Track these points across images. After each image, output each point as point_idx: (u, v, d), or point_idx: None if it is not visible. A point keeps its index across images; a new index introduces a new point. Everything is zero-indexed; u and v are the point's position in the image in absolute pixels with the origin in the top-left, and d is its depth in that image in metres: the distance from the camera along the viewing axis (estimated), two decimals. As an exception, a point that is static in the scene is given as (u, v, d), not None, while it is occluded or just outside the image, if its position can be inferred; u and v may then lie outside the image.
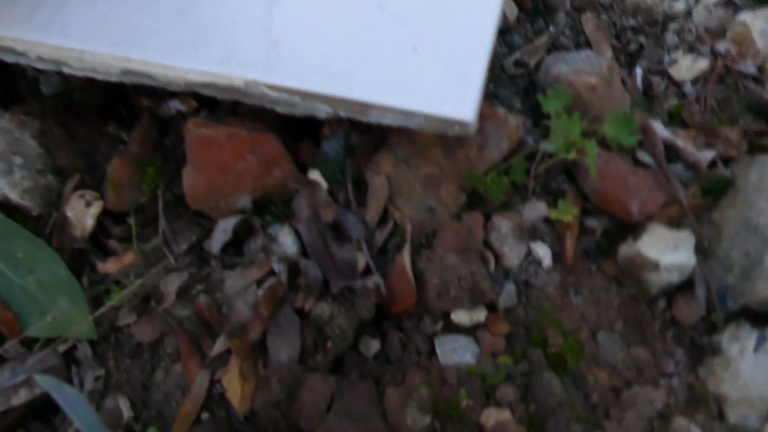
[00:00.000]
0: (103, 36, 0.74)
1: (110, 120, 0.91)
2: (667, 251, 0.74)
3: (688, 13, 1.05)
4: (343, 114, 0.72)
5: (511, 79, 1.00)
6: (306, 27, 0.74)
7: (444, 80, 0.72)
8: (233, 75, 0.72)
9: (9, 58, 0.76)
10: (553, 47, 1.04)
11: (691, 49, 1.02)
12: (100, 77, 0.75)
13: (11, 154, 0.82)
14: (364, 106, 0.71)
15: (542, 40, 1.04)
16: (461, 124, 0.70)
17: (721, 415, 0.70)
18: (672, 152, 0.85)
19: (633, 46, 1.06)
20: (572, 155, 0.75)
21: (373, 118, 0.72)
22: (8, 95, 0.89)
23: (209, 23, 0.74)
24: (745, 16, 0.99)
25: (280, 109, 0.74)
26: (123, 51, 0.73)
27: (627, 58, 1.06)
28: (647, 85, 1.01)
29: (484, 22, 0.76)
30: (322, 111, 0.73)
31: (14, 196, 0.80)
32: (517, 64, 1.02)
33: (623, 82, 0.98)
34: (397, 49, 0.74)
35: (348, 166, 0.83)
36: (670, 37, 1.04)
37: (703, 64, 0.99)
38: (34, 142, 0.84)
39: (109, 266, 0.78)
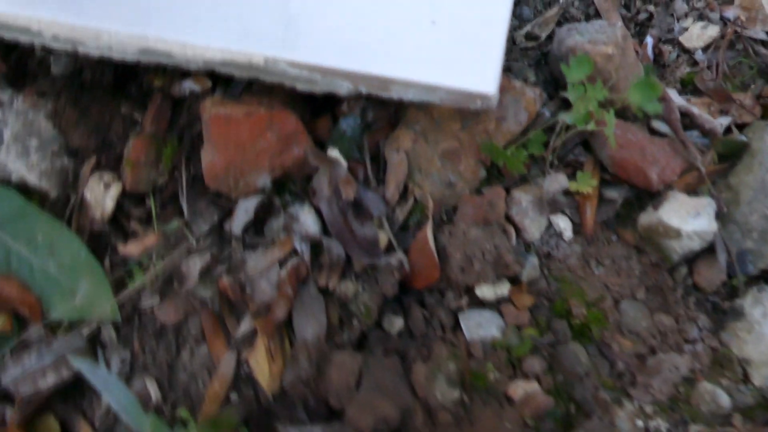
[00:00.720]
0: (120, 14, 0.73)
1: (122, 99, 0.90)
2: (688, 218, 0.74)
3: (697, -19, 1.05)
4: (364, 90, 0.72)
5: (522, 52, 1.00)
6: (324, 2, 0.73)
7: (464, 53, 0.71)
8: (253, 52, 0.71)
9: (24, 38, 0.75)
10: (563, 19, 1.04)
11: (701, 16, 1.02)
12: (116, 57, 0.74)
13: (27, 136, 0.81)
14: (386, 82, 0.71)
15: (552, 11, 1.03)
16: (483, 97, 0.70)
17: (746, 378, 0.71)
18: (687, 120, 0.86)
19: (642, 16, 1.06)
20: (591, 126, 0.75)
21: (395, 94, 0.72)
22: (19, 75, 0.88)
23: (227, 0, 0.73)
24: (754, -19, 1.00)
25: (301, 87, 0.74)
26: (140, 29, 0.72)
27: (637, 28, 1.06)
28: (658, 54, 1.01)
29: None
30: (344, 88, 0.72)
31: (32, 179, 0.79)
32: (529, 36, 1.01)
33: (635, 52, 0.98)
34: (415, 22, 0.73)
35: (365, 143, 0.83)
36: (680, 6, 1.04)
37: (713, 31, 0.99)
38: (48, 123, 0.84)
39: (130, 248, 0.78)
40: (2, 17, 0.74)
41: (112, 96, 0.90)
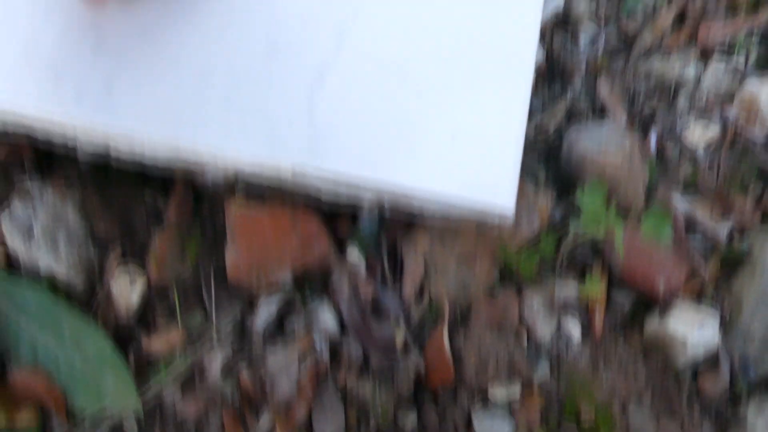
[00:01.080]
0: (152, 121, 0.76)
1: (145, 186, 0.93)
2: (693, 330, 0.78)
3: (698, 79, 1.09)
4: (387, 204, 0.75)
5: (531, 145, 1.04)
6: (348, 116, 0.77)
7: (483, 171, 0.75)
8: (281, 164, 0.74)
9: (57, 139, 0.78)
10: (571, 113, 1.08)
11: (702, 115, 1.07)
12: (148, 159, 0.78)
13: (55, 229, 0.84)
14: (408, 197, 0.74)
15: (560, 105, 1.08)
16: (502, 215, 0.73)
17: (748, 490, 0.74)
18: (690, 223, 0.89)
19: (646, 110, 1.10)
20: (601, 235, 0.79)
21: (416, 208, 0.75)
22: (46, 161, 0.90)
23: (255, 110, 0.77)
24: (752, 85, 1.04)
25: (325, 196, 0.77)
26: (172, 136, 0.76)
27: (641, 122, 1.10)
28: (661, 149, 1.05)
29: (516, 109, 0.80)
30: (367, 199, 0.76)
31: (60, 272, 0.82)
32: (538, 129, 1.06)
33: (638, 148, 1.03)
34: (436, 137, 0.77)
35: (383, 240, 0.86)
36: (682, 103, 1.08)
37: (714, 130, 1.03)
38: (76, 215, 0.86)
39: (154, 344, 0.80)
40: (35, 115, 0.77)
41: (135, 183, 0.93)
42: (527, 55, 0.80)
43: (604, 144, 0.87)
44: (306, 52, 0.80)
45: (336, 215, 0.87)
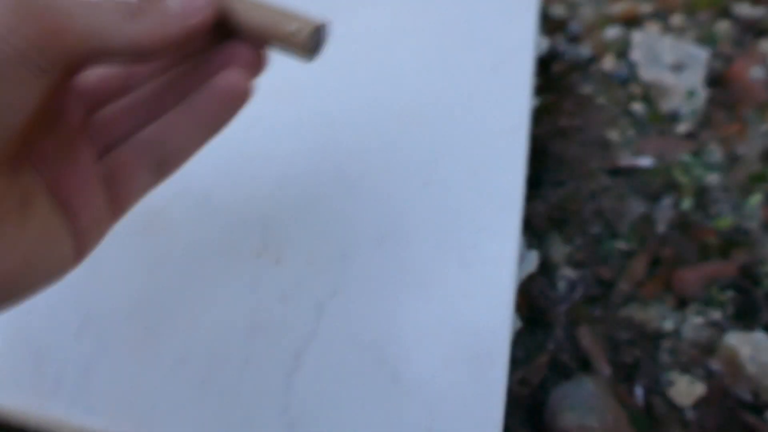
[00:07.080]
0: (127, 415, 0.73)
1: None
2: None
3: (678, 331, 1.10)
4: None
5: (515, 401, 1.02)
6: (324, 406, 0.75)
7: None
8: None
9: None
10: (554, 364, 1.07)
11: (686, 368, 1.06)
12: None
13: None
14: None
15: (543, 358, 1.07)
16: None
17: None
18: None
19: (629, 360, 1.10)
20: None
21: None
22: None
23: (230, 399, 0.75)
24: (732, 340, 1.05)
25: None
26: (147, 431, 0.73)
27: (626, 370, 1.09)
28: (649, 405, 1.03)
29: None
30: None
31: None
32: (522, 382, 1.04)
33: (624, 404, 1.01)
34: (414, 422, 0.75)
35: None
36: (664, 356, 1.08)
37: (700, 388, 1.02)
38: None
39: None
40: (11, 406, 0.74)
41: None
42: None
43: (587, 417, 0.85)
44: (286, 331, 0.80)
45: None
